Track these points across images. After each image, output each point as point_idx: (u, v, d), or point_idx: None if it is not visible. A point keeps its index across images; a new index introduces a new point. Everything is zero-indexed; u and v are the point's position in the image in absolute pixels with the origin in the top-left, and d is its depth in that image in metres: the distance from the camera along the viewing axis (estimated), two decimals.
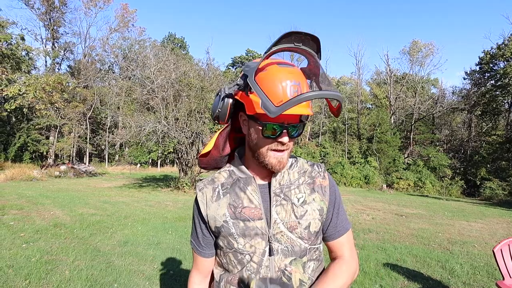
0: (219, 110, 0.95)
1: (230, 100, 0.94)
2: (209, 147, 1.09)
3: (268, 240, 0.93)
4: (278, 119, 0.87)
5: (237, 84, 0.91)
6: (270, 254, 0.93)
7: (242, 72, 0.89)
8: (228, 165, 1.06)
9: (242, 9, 76.98)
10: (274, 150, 0.91)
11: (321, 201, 0.99)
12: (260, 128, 0.89)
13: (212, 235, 1.01)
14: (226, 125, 1.06)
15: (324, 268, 1.04)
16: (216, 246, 1.03)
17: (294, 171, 1.02)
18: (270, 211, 0.94)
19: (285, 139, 0.88)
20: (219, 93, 0.96)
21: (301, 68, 0.93)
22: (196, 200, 1.02)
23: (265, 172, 0.99)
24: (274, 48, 0.86)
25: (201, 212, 0.99)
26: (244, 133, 0.98)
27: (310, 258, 0.97)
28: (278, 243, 0.93)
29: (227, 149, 1.09)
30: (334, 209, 1.03)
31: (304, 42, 0.87)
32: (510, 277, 2.79)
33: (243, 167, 1.00)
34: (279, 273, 0.93)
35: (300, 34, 0.85)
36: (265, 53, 0.85)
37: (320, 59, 0.90)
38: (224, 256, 0.99)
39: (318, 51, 0.89)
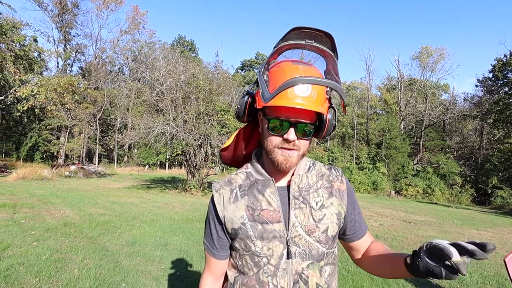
0: (238, 106, 0.99)
1: (248, 98, 0.97)
2: (228, 142, 1.12)
3: (286, 243, 0.91)
4: (281, 114, 0.84)
5: (256, 82, 0.92)
6: (288, 257, 0.91)
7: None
8: (245, 166, 1.04)
9: (252, 12, 77.47)
10: (281, 148, 0.88)
11: (339, 205, 0.98)
12: (267, 122, 0.88)
13: (228, 237, 0.99)
14: (247, 123, 1.07)
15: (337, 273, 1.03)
16: (232, 248, 1.00)
17: (313, 174, 1.00)
18: (288, 214, 0.92)
19: (290, 136, 0.85)
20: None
21: (324, 71, 0.90)
22: (212, 201, 1.00)
23: (283, 174, 0.97)
24: (282, 44, 0.85)
25: (218, 213, 0.97)
26: (260, 131, 0.97)
27: (327, 262, 0.96)
28: (296, 246, 0.91)
29: (249, 149, 1.09)
30: (355, 210, 1.03)
31: (316, 39, 0.84)
32: None
33: (261, 169, 0.98)
34: (296, 277, 0.92)
35: (311, 30, 0.82)
36: (274, 48, 0.84)
37: (337, 58, 0.87)
38: (240, 258, 0.97)
39: (333, 49, 0.86)
